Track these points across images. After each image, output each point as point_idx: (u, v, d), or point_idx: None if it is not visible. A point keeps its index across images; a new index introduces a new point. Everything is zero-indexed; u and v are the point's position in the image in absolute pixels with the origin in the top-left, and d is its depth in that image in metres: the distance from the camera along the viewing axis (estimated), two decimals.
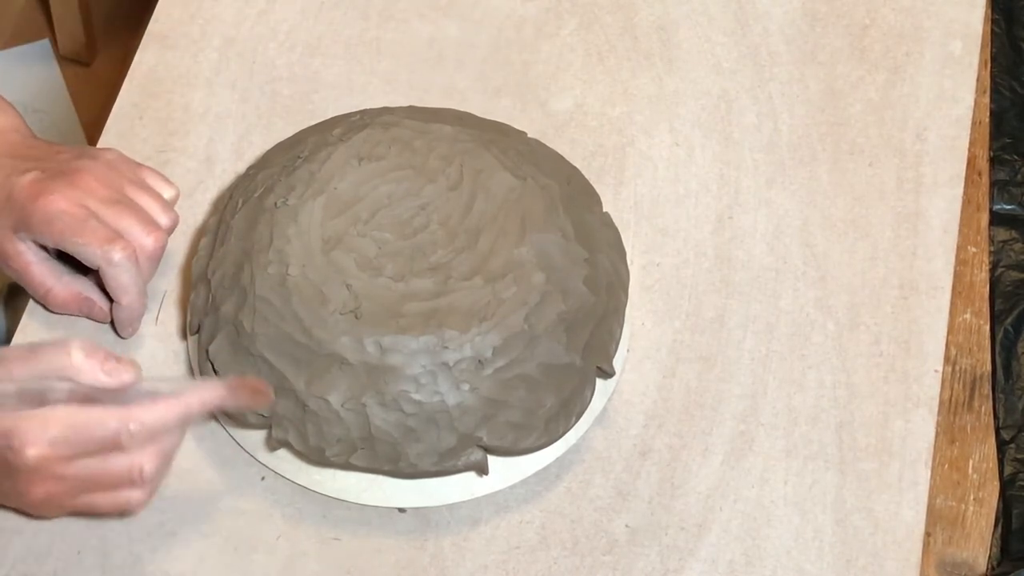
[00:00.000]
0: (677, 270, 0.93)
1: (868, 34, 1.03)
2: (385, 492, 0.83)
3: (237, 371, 0.81)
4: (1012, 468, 0.93)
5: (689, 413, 0.88)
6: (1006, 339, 0.98)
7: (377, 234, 0.84)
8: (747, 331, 0.91)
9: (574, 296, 0.83)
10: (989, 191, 1.02)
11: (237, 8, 1.02)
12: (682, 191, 0.96)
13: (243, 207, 0.87)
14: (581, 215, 0.88)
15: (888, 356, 0.90)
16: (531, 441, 0.82)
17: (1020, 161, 1.04)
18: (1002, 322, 0.98)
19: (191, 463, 0.85)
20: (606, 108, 0.99)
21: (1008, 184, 1.03)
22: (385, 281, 0.82)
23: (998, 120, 1.05)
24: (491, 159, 0.87)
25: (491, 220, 0.84)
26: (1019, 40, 1.08)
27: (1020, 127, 1.05)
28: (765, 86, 1.00)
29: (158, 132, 0.96)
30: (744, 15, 1.03)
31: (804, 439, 0.87)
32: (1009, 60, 1.07)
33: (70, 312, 0.87)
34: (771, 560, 0.83)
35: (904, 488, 0.86)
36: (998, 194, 1.02)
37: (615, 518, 0.84)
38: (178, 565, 0.82)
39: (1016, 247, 1.01)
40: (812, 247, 0.94)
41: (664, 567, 0.83)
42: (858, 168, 0.97)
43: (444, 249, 0.83)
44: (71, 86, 1.76)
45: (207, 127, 0.97)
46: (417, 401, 0.79)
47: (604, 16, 1.03)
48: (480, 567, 0.83)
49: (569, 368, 0.83)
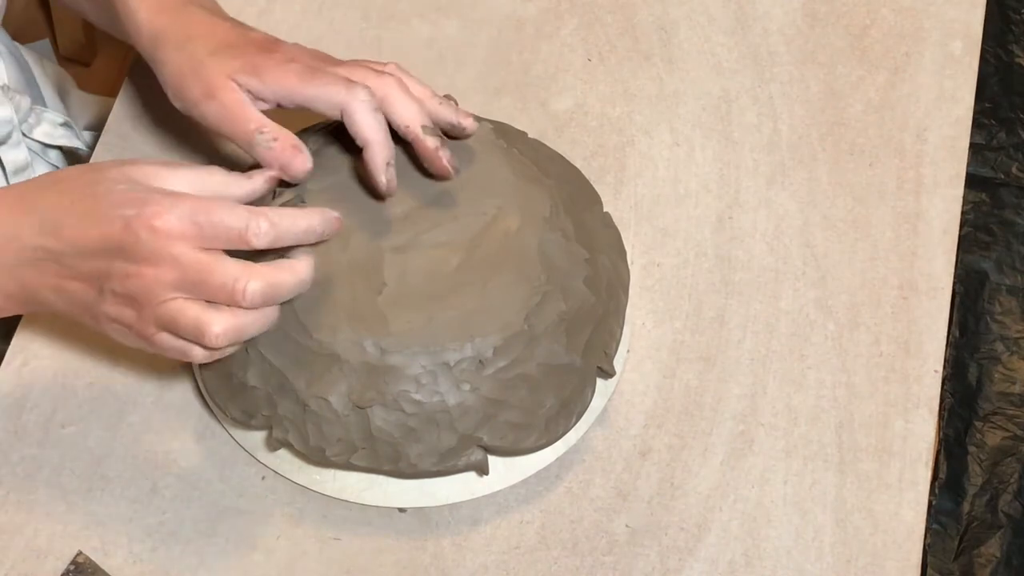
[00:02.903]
0: (677, 270, 0.93)
1: (868, 34, 1.03)
2: (385, 492, 0.83)
3: (236, 370, 0.81)
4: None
5: (689, 413, 0.88)
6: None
7: (377, 234, 0.84)
8: (747, 331, 0.91)
9: (574, 296, 0.83)
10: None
11: (237, 8, 1.02)
12: (682, 191, 0.96)
13: None
14: (581, 215, 0.88)
15: (888, 356, 0.90)
16: (531, 441, 0.82)
17: (998, 126, 1.04)
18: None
19: (191, 463, 0.85)
20: (606, 108, 0.99)
21: (984, 148, 1.03)
22: (385, 281, 0.82)
23: (980, 85, 1.04)
24: (491, 159, 0.87)
25: (492, 220, 0.84)
26: (1008, 8, 1.08)
27: (1001, 93, 1.05)
28: (765, 86, 1.00)
29: (157, 133, 0.96)
30: (744, 15, 1.03)
31: (804, 439, 0.87)
32: (997, 28, 1.08)
33: (270, 161, 0.82)
34: (771, 560, 0.83)
35: (904, 488, 0.86)
36: (972, 157, 1.01)
37: (615, 518, 0.84)
38: (178, 565, 0.82)
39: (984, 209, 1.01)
40: (812, 247, 0.94)
41: (664, 567, 0.83)
42: (858, 168, 0.97)
43: (444, 249, 0.83)
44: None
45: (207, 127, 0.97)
46: (417, 401, 0.80)
47: (604, 16, 1.03)
48: (480, 567, 0.83)
49: (569, 368, 0.83)
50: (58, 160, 1.04)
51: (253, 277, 0.72)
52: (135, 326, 0.75)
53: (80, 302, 0.76)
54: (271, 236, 0.73)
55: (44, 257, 0.75)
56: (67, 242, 0.74)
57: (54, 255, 0.74)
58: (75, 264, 0.74)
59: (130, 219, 0.72)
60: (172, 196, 0.73)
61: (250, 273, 0.72)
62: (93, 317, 0.76)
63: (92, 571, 0.81)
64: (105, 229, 0.73)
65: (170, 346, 0.75)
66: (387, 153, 0.82)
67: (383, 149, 0.81)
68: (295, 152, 0.81)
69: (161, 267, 0.72)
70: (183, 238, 0.72)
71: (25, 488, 0.83)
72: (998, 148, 1.04)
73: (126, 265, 0.73)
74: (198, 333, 0.73)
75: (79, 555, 0.81)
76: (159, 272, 0.72)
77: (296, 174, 0.81)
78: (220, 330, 0.73)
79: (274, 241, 0.73)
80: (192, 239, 0.72)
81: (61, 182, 0.76)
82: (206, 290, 0.72)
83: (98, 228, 0.73)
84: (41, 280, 0.76)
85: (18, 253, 0.75)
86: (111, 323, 0.76)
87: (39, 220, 0.75)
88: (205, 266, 0.72)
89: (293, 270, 0.74)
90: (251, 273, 0.72)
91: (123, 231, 0.72)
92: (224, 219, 0.72)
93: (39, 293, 0.77)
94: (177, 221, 0.72)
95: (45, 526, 0.82)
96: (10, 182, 0.97)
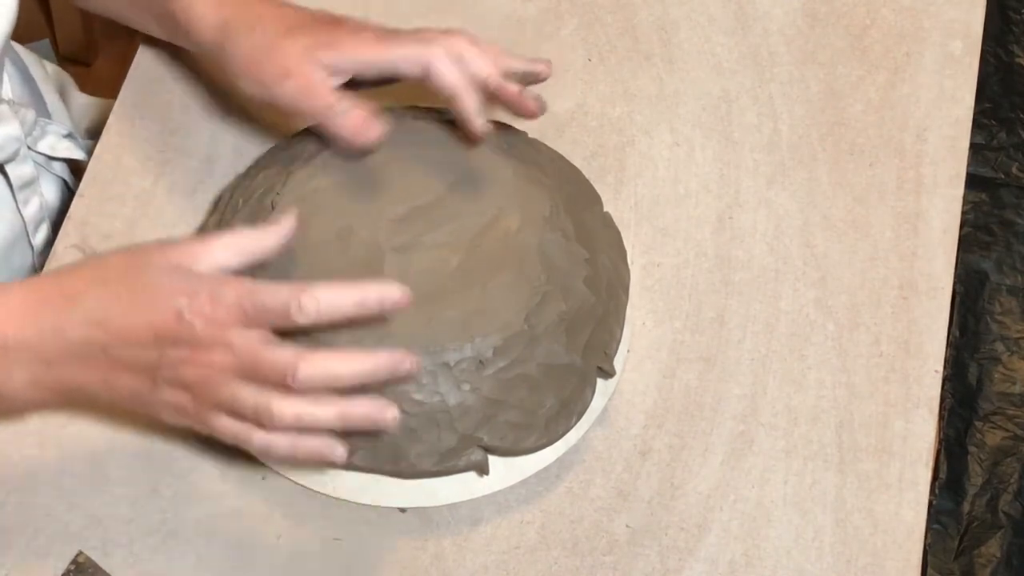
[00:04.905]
0: (677, 270, 0.93)
1: (868, 34, 1.03)
2: (386, 492, 0.83)
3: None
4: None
5: (689, 413, 0.88)
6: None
7: (377, 233, 0.84)
8: (747, 331, 0.91)
9: (575, 296, 0.83)
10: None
11: None
12: (682, 191, 0.96)
13: (243, 207, 0.87)
14: (581, 215, 0.88)
15: (888, 356, 0.90)
16: (532, 441, 0.82)
17: (998, 126, 1.04)
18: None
19: (191, 463, 0.85)
20: (606, 108, 0.99)
21: (984, 148, 1.03)
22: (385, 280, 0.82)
23: (980, 85, 1.04)
24: (491, 159, 0.87)
25: (492, 220, 0.84)
26: (1008, 8, 1.08)
27: (1001, 93, 1.05)
28: (765, 86, 1.00)
29: (158, 132, 0.96)
30: (744, 15, 1.03)
31: (804, 439, 0.87)
32: (997, 28, 1.08)
33: (345, 129, 0.84)
34: (771, 560, 0.83)
35: (904, 488, 0.86)
36: (972, 157, 1.02)
37: (615, 518, 0.84)
38: (178, 565, 0.82)
39: (984, 209, 1.01)
40: (812, 247, 0.94)
41: (664, 567, 0.83)
42: (858, 168, 0.97)
43: (444, 249, 0.83)
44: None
45: (207, 127, 0.97)
46: (418, 401, 0.80)
47: (604, 16, 1.03)
48: (480, 567, 0.83)
49: (569, 368, 0.83)
50: (63, 172, 1.04)
51: (303, 363, 0.72)
52: (192, 411, 0.75)
53: (131, 393, 0.76)
54: (314, 314, 0.73)
55: (91, 350, 0.74)
56: (116, 334, 0.73)
57: (101, 347, 0.74)
58: (125, 355, 0.74)
59: (182, 309, 0.72)
60: (219, 282, 0.73)
61: (300, 359, 0.73)
62: (144, 405, 0.76)
63: (92, 571, 0.81)
64: (156, 320, 0.72)
65: (229, 429, 0.75)
66: (477, 99, 0.84)
67: (472, 95, 0.84)
68: (368, 121, 0.84)
69: (216, 353, 0.72)
70: (235, 323, 0.72)
71: (25, 488, 0.83)
72: (998, 148, 1.04)
73: (180, 353, 0.73)
74: (257, 414, 0.73)
75: (79, 555, 0.81)
76: (215, 358, 0.73)
77: (367, 142, 0.84)
78: (280, 411, 0.73)
79: (319, 317, 0.73)
80: (243, 323, 0.72)
81: (103, 271, 0.75)
82: (260, 374, 0.73)
83: (149, 319, 0.73)
84: (87, 374, 0.75)
85: (63, 348, 0.74)
86: (166, 409, 0.76)
87: (84, 312, 0.74)
88: (258, 351, 0.73)
89: (348, 359, 0.74)
90: (301, 359, 0.73)
91: (176, 322, 0.72)
92: (267, 301, 0.72)
93: (85, 387, 0.76)
94: (226, 309, 0.72)
95: (45, 526, 0.82)
96: (17, 197, 0.97)
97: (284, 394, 0.73)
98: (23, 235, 1.00)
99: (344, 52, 0.84)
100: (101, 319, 0.73)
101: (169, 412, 0.76)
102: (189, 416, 0.76)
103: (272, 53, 0.84)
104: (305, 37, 0.84)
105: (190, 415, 0.75)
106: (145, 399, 0.76)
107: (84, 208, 0.93)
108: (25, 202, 0.98)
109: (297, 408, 0.73)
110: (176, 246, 0.75)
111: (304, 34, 0.84)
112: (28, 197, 0.98)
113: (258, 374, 0.73)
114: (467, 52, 0.85)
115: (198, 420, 0.76)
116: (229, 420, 0.75)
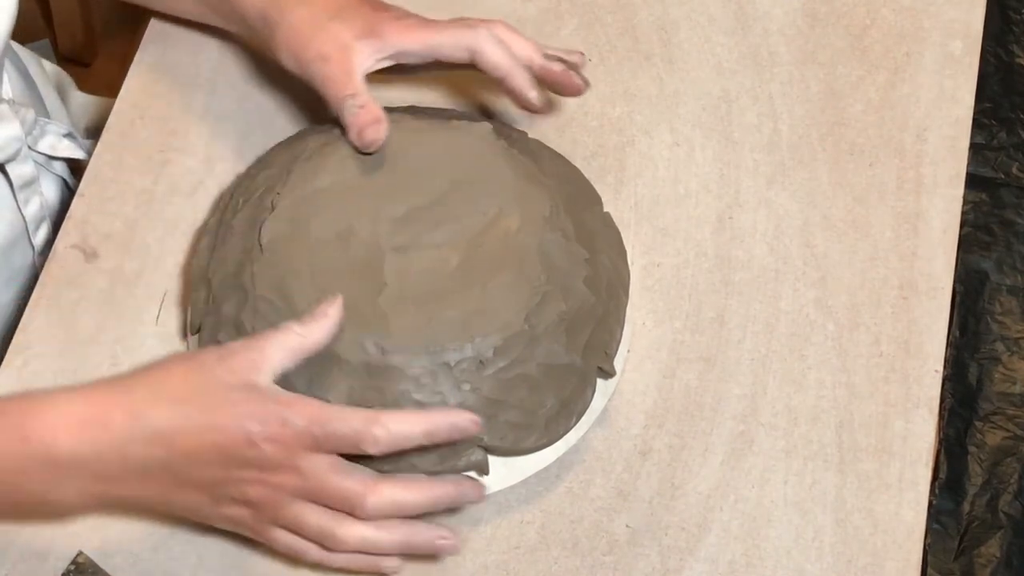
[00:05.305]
0: (677, 270, 0.93)
1: (868, 34, 1.03)
2: None
3: None
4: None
5: (689, 413, 0.88)
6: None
7: (378, 233, 0.84)
8: (747, 331, 0.91)
9: (575, 296, 0.83)
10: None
11: None
12: (682, 191, 0.96)
13: (243, 207, 0.87)
14: (581, 215, 0.88)
15: (888, 356, 0.90)
16: (532, 441, 0.82)
17: (998, 126, 1.04)
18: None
19: None
20: (606, 108, 0.99)
21: (984, 148, 1.03)
22: (385, 280, 0.82)
23: (980, 85, 1.04)
24: (492, 159, 0.87)
25: (492, 220, 0.84)
26: (1008, 8, 1.08)
27: (1001, 93, 1.05)
28: (765, 86, 1.00)
29: (158, 132, 0.96)
30: (744, 15, 1.03)
31: (804, 439, 0.87)
32: (997, 27, 1.07)
33: (351, 125, 0.85)
34: (771, 560, 0.83)
35: (904, 488, 0.86)
36: (972, 157, 1.02)
37: (615, 518, 0.84)
38: (178, 565, 0.82)
39: (984, 209, 1.01)
40: (812, 247, 0.94)
41: (664, 567, 0.83)
42: (858, 168, 0.97)
43: (444, 249, 0.83)
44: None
45: (207, 127, 0.97)
46: (418, 401, 0.79)
47: (604, 16, 1.03)
48: (481, 567, 0.83)
49: (569, 368, 0.83)
50: (63, 171, 1.04)
51: (372, 495, 0.74)
52: (251, 524, 0.76)
53: (191, 507, 0.76)
54: (385, 445, 0.73)
55: (152, 467, 0.74)
56: (181, 452, 0.73)
57: (164, 465, 0.73)
58: (189, 472, 0.74)
59: (253, 434, 0.72)
60: (288, 406, 0.73)
61: (368, 489, 0.74)
62: (202, 517, 0.77)
63: (92, 571, 0.81)
64: (224, 440, 0.72)
65: (286, 543, 0.76)
66: (527, 75, 0.86)
67: (522, 72, 0.86)
68: (374, 122, 0.85)
69: (283, 476, 0.73)
70: (304, 449, 0.73)
71: None
72: (998, 148, 1.04)
73: (247, 474, 0.73)
74: (322, 537, 0.75)
75: (79, 555, 0.81)
76: (282, 480, 0.73)
77: (367, 142, 0.85)
78: (344, 537, 0.74)
79: (389, 448, 0.73)
80: (312, 449, 0.73)
81: (166, 387, 0.74)
82: (328, 500, 0.74)
83: (216, 438, 0.73)
84: (145, 490, 0.75)
85: (122, 466, 0.73)
86: (223, 520, 0.77)
87: (148, 432, 0.73)
88: (327, 478, 0.73)
89: (416, 489, 0.75)
90: (370, 490, 0.74)
91: (246, 446, 0.72)
92: (338, 429, 0.73)
93: (142, 501, 0.76)
94: (296, 435, 0.72)
95: (45, 526, 0.82)
96: (17, 197, 0.98)
97: (350, 520, 0.74)
98: (24, 234, 1.00)
99: (388, 39, 0.85)
100: (167, 439, 0.73)
101: (225, 523, 0.77)
102: (246, 528, 0.77)
103: (318, 33, 0.85)
104: (352, 22, 0.85)
105: (247, 527, 0.77)
106: (204, 512, 0.77)
107: (84, 207, 0.93)
108: (26, 202, 0.98)
109: (362, 534, 0.74)
110: (236, 356, 0.74)
111: (351, 18, 0.85)
112: (29, 197, 0.98)
113: (325, 499, 0.74)
114: (508, 37, 0.87)
115: (255, 533, 0.77)
116: (288, 535, 0.76)
